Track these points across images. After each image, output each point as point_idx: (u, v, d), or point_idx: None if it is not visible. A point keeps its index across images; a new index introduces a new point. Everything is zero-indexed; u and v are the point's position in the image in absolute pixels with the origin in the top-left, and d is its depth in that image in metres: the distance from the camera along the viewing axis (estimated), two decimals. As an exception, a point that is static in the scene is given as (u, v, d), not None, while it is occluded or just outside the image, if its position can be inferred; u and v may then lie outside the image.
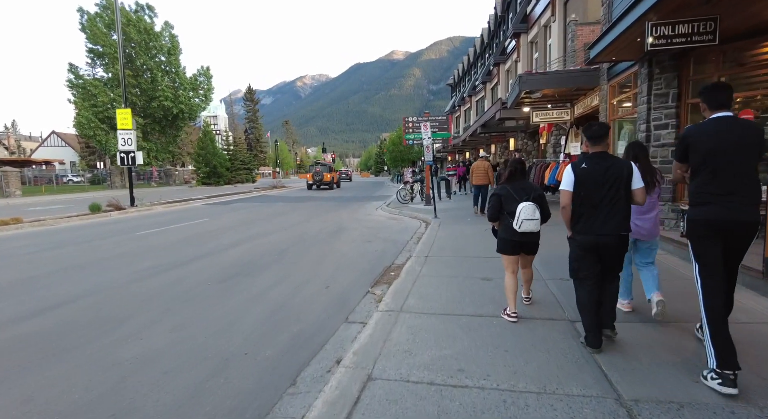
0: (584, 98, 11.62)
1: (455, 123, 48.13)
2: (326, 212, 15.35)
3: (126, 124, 16.01)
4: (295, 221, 12.82)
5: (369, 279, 6.07)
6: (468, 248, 7.55)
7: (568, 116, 11.48)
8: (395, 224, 11.94)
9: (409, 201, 17.28)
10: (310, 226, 11.60)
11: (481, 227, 9.83)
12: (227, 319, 4.54)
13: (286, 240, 9.43)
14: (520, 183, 4.08)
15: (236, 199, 22.51)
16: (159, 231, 10.99)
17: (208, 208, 17.62)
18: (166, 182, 48.06)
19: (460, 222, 10.96)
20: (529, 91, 10.52)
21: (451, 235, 8.94)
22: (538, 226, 3.85)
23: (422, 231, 10.49)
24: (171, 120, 37.28)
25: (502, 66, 27.11)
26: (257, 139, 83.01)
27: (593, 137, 3.40)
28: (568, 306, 4.31)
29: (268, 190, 30.14)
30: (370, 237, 9.75)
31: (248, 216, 14.40)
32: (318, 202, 20.11)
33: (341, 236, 9.93)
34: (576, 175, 3.33)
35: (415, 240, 9.12)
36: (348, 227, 11.39)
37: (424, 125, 12.03)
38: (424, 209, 14.20)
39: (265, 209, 16.73)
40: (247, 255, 7.84)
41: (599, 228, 3.25)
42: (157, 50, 35.00)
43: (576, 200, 3.35)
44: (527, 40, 20.97)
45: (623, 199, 3.25)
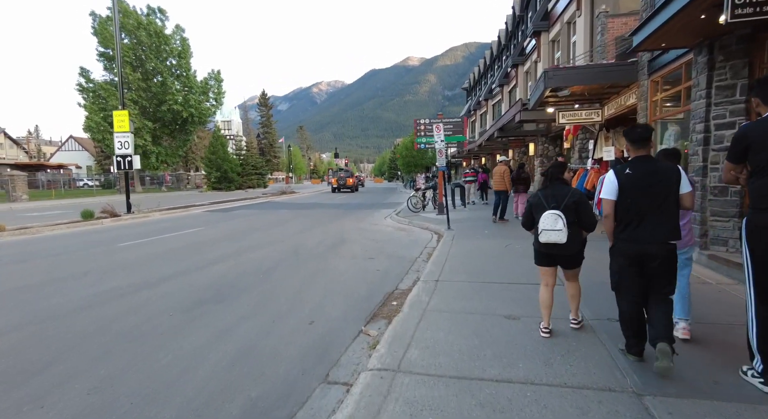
0: (617, 97, 10.35)
1: (471, 128, 46.85)
2: (330, 221, 14.28)
3: (123, 127, 15.23)
4: (294, 231, 11.77)
5: (364, 311, 4.94)
6: (487, 269, 6.36)
7: (598, 117, 10.22)
8: (403, 236, 10.79)
9: (421, 209, 16.11)
10: (308, 238, 10.53)
11: (500, 241, 8.63)
12: (172, 371, 3.46)
13: (278, 255, 8.36)
14: (554, 189, 3.70)
15: (240, 205, 21.63)
16: (143, 242, 10.04)
17: (207, 215, 16.72)
18: (177, 187, 47.75)
19: (476, 235, 9.76)
20: (555, 88, 9.32)
21: (467, 252, 7.75)
22: (562, 238, 3.47)
23: (433, 245, 9.33)
24: (181, 124, 36.81)
25: (521, 67, 25.85)
26: (271, 144, 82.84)
27: (637, 140, 3.17)
28: (629, 369, 3.12)
29: (277, 195, 29.28)
30: (374, 252, 8.63)
31: (246, 225, 13.41)
32: (323, 209, 19.08)
33: (341, 250, 8.82)
34: (620, 181, 3.13)
35: (425, 257, 7.97)
36: (350, 239, 10.28)
37: (436, 127, 10.90)
38: (436, 219, 13.03)
39: (267, 217, 15.75)
40: (229, 273, 6.78)
41: (646, 236, 3.05)
42: (168, 53, 34.61)
43: (620, 208, 3.16)
44: (548, 39, 19.71)
45: (672, 206, 3.05)
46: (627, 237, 3.13)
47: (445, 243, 8.80)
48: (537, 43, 20.91)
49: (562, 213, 3.50)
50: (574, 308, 3.89)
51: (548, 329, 3.73)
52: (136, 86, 33.47)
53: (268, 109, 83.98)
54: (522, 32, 26.78)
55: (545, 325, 3.75)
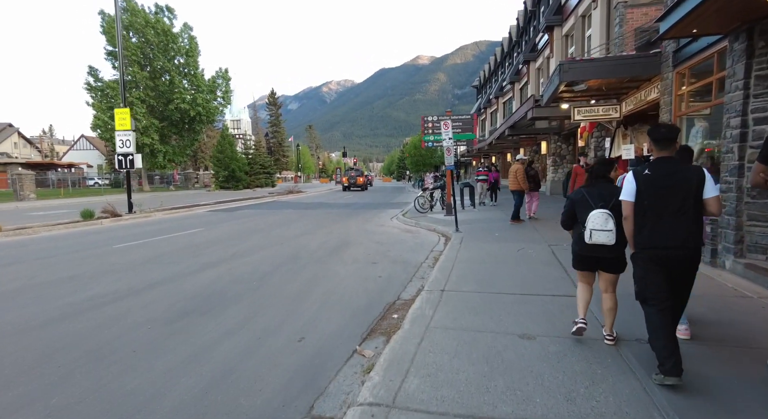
0: (636, 92, 9.73)
1: (481, 126, 46.16)
2: (334, 222, 13.84)
3: (124, 125, 14.93)
4: (297, 232, 11.34)
5: (361, 326, 4.46)
6: (498, 278, 5.84)
7: (616, 113, 9.61)
8: (409, 238, 10.29)
9: (429, 210, 15.59)
10: (310, 240, 10.08)
11: (512, 245, 8.09)
12: (136, 400, 3.01)
13: (276, 259, 7.92)
14: (600, 187, 3.53)
15: (246, 205, 21.29)
16: (139, 244, 9.67)
17: (210, 215, 16.38)
18: (185, 186, 47.76)
19: (486, 238, 9.23)
20: (571, 82, 8.74)
21: (476, 257, 7.23)
22: (611, 239, 3.29)
23: (440, 248, 8.82)
24: (188, 122, 36.65)
25: (533, 64, 25.18)
26: (279, 143, 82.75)
27: (661, 140, 3.03)
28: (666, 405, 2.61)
29: (283, 195, 28.94)
30: (377, 256, 8.15)
31: (248, 226, 13.01)
32: (329, 209, 18.65)
33: (343, 254, 8.36)
34: (638, 182, 3.03)
35: (431, 262, 7.48)
36: (354, 241, 9.81)
37: (444, 124, 10.38)
38: (444, 220, 12.50)
39: (270, 217, 15.35)
40: (220, 280, 6.35)
41: (665, 239, 2.92)
42: (175, 52, 34.46)
43: (638, 210, 3.05)
44: (561, 34, 19.06)
45: (692, 209, 2.91)
46: (645, 242, 3.01)
47: (452, 247, 8.28)
48: (549, 39, 20.26)
49: (612, 213, 3.31)
50: (610, 323, 3.57)
51: (584, 320, 3.57)
52: (143, 85, 33.37)
53: (277, 108, 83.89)
54: (534, 28, 26.09)
55: (581, 316, 3.59)
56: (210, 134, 65.51)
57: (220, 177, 42.54)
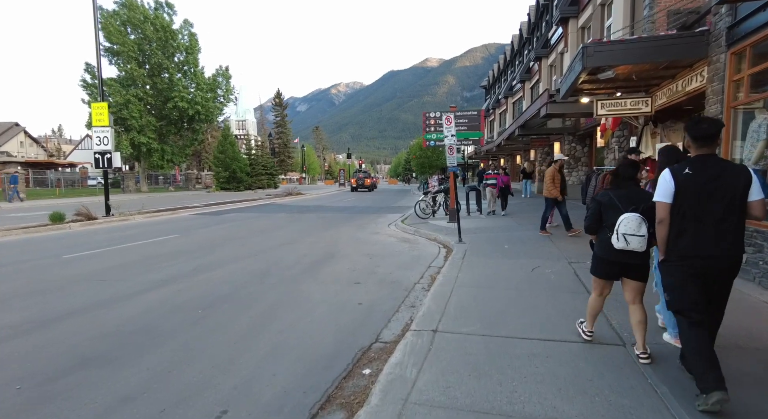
0: (670, 83, 8.33)
1: (489, 127, 44.73)
2: (326, 228, 12.55)
3: (102, 120, 13.79)
4: (280, 241, 10.06)
5: (317, 389, 3.15)
6: (509, 312, 4.49)
7: (647, 107, 8.22)
8: (405, 250, 8.97)
9: (431, 215, 14.24)
10: (291, 251, 8.80)
11: (526, 262, 6.73)
12: None
13: (242, 276, 6.64)
14: (629, 191, 3.29)
15: (237, 207, 20.08)
16: (93, 254, 8.44)
17: (194, 219, 15.17)
18: (186, 186, 46.86)
19: (493, 251, 7.87)
20: (596, 69, 7.37)
21: (481, 279, 5.89)
22: (643, 245, 3.04)
23: (439, 263, 7.49)
24: (187, 122, 35.66)
25: (545, 60, 23.75)
26: (285, 145, 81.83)
27: (701, 137, 2.73)
28: None
29: (281, 197, 27.72)
30: (364, 273, 6.84)
31: (228, 232, 11.77)
32: (325, 213, 17.36)
33: (323, 270, 7.06)
34: (678, 182, 2.72)
35: (426, 283, 6.15)
36: (341, 253, 8.51)
37: (446, 119, 9.06)
38: (447, 228, 11.16)
39: (259, 222, 14.10)
40: (160, 307, 5.07)
41: (709, 248, 2.64)
42: (174, 49, 33.50)
43: (675, 214, 2.75)
44: (577, 26, 17.63)
45: (738, 214, 2.63)
46: (684, 250, 2.74)
47: (453, 263, 6.95)
48: (564, 32, 18.84)
49: None
50: (642, 338, 3.23)
51: (591, 332, 3.55)
52: (141, 82, 32.43)
53: (282, 108, 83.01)
54: (546, 23, 24.67)
55: (589, 328, 3.55)
56: (215, 134, 64.66)
57: (221, 178, 41.54)
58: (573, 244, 8.22)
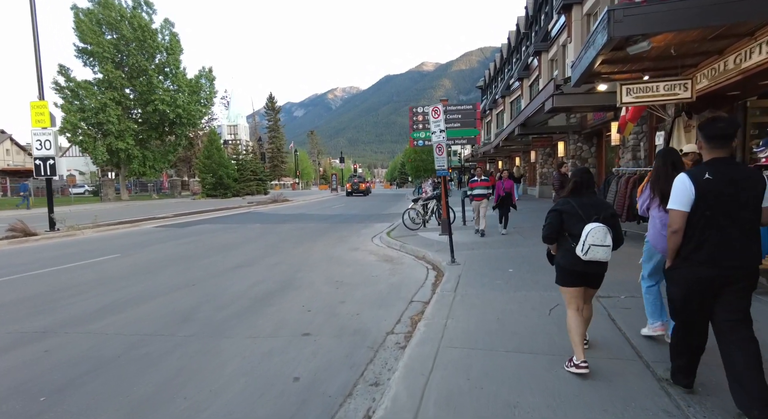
0: (716, 59, 6.63)
1: (486, 129, 43.11)
2: (300, 242, 10.78)
3: (42, 121, 12.00)
4: (237, 262, 8.30)
5: None
6: (523, 406, 2.73)
7: (687, 92, 6.50)
8: (385, 274, 7.21)
9: (421, 225, 12.49)
10: (243, 277, 7.04)
11: (538, 297, 4.99)
12: None
13: (157, 319, 4.90)
14: (587, 198, 3.28)
15: (210, 217, 18.25)
16: (-15, 285, 6.67)
17: (152, 233, 13.37)
18: (171, 194, 45.03)
19: (495, 278, 6.12)
20: (626, 40, 5.65)
21: (479, 331, 4.13)
22: (608, 255, 3.06)
23: (425, 296, 5.75)
24: (168, 126, 33.87)
25: (545, 55, 22.14)
26: (278, 149, 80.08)
27: (718, 137, 2.54)
28: None
29: (265, 204, 25.88)
30: (321, 313, 5.09)
31: (182, 250, 10.00)
32: (305, 223, 15.57)
33: (269, 309, 5.31)
34: (698, 188, 2.52)
35: (403, 334, 4.40)
36: (303, 280, 6.76)
37: (433, 111, 7.33)
38: (438, 242, 9.41)
39: (224, 236, 12.32)
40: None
41: (733, 258, 2.47)
42: (154, 49, 31.74)
43: (695, 222, 2.55)
44: (582, 13, 16.00)
45: (758, 220, 2.52)
46: (703, 259, 2.53)
47: (442, 299, 5.20)
48: (567, 21, 17.21)
49: None
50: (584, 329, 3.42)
51: (586, 362, 3.10)
52: (119, 84, 30.65)
53: (275, 112, 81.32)
54: (546, 14, 23.07)
55: (581, 359, 3.11)
56: (205, 140, 62.82)
57: (207, 184, 39.70)
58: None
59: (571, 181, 3.37)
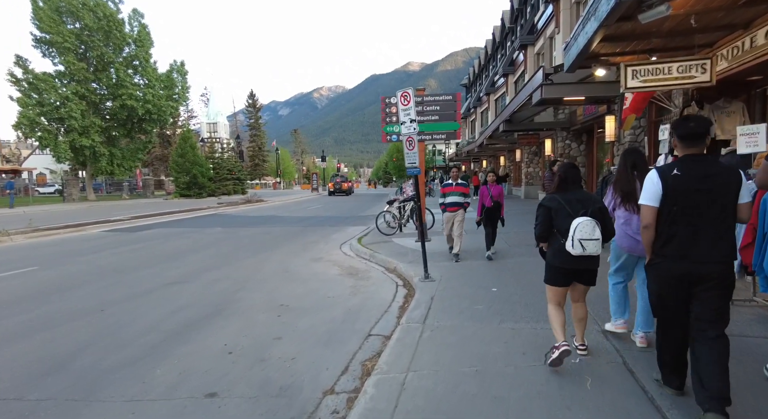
0: (740, 35, 5.58)
1: (470, 127, 42.19)
2: (258, 250, 9.48)
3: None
4: (173, 277, 6.97)
5: None
6: None
7: (705, 75, 5.41)
8: (345, 294, 5.97)
9: (397, 230, 11.28)
10: (169, 299, 5.74)
11: (536, 331, 3.76)
12: None
13: (20, 367, 3.61)
14: (574, 193, 3.24)
15: (170, 220, 16.74)
16: None
17: (95, 239, 11.90)
18: (144, 194, 43.05)
19: (476, 302, 4.93)
20: (641, 2, 4.51)
21: (450, 394, 2.91)
22: (598, 249, 3.01)
23: (386, 328, 4.54)
24: (137, 122, 32.04)
25: (531, 49, 21.15)
26: (259, 148, 78.14)
27: (689, 136, 2.55)
28: None
29: (235, 205, 24.33)
30: (247, 356, 3.85)
31: (119, 259, 8.64)
32: (272, 226, 14.21)
33: (183, 348, 4.05)
34: (665, 184, 2.56)
35: (345, 394, 3.17)
36: (240, 303, 5.48)
37: (402, 96, 6.11)
38: (414, 250, 8.23)
39: (174, 242, 10.93)
40: None
41: (701, 253, 2.48)
42: (120, 40, 29.89)
43: (665, 218, 2.58)
44: (571, 1, 14.97)
45: (731, 217, 2.52)
46: (672, 253, 2.55)
47: (407, 337, 3.98)
48: (555, 10, 16.18)
49: None
50: (582, 332, 3.41)
51: (567, 344, 3.08)
52: (81, 77, 28.74)
53: (257, 110, 79.29)
54: (532, 6, 22.08)
55: (562, 339, 3.12)
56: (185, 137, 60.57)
57: (181, 184, 37.89)
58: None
59: (557, 177, 3.32)
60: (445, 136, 9.33)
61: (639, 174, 3.38)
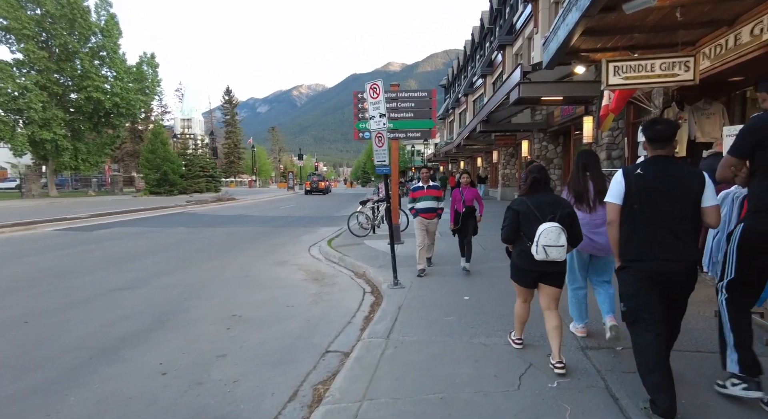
0: (724, 32, 5.34)
1: (448, 128, 42.12)
2: (220, 252, 8.89)
3: None
4: (121, 281, 6.35)
5: None
6: None
7: (688, 73, 5.15)
8: (306, 303, 5.49)
9: (370, 231, 10.84)
10: (114, 305, 5.16)
11: (512, 351, 3.36)
12: None
13: None
14: (546, 196, 3.23)
15: (132, 218, 15.86)
16: None
17: (47, 238, 11.08)
18: (112, 190, 41.40)
19: (447, 313, 4.53)
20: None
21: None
22: (563, 255, 2.97)
23: (346, 343, 4.09)
24: (104, 116, 30.65)
25: (509, 49, 21.04)
26: (235, 145, 76.50)
27: (657, 139, 2.61)
28: None
29: (204, 204, 23.44)
30: (182, 378, 3.35)
31: (64, 263, 7.93)
32: (240, 226, 13.58)
33: (108, 369, 3.51)
34: (628, 183, 2.63)
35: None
36: (190, 314, 4.94)
37: (371, 88, 5.68)
38: (386, 252, 7.76)
39: (131, 243, 10.23)
40: None
41: (662, 252, 2.53)
42: (85, 30, 28.48)
43: (626, 215, 2.64)
44: (549, 1, 14.81)
45: (691, 218, 2.54)
46: (635, 253, 2.61)
47: (367, 356, 3.55)
48: (533, 10, 16.03)
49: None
50: (558, 346, 3.09)
51: (521, 340, 3.46)
52: (42, 67, 27.25)
53: (233, 106, 77.55)
54: (511, 7, 21.97)
55: (518, 336, 3.47)
56: (157, 132, 58.57)
57: (151, 181, 36.51)
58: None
59: (528, 179, 3.29)
60: (420, 134, 8.93)
61: (591, 175, 3.51)
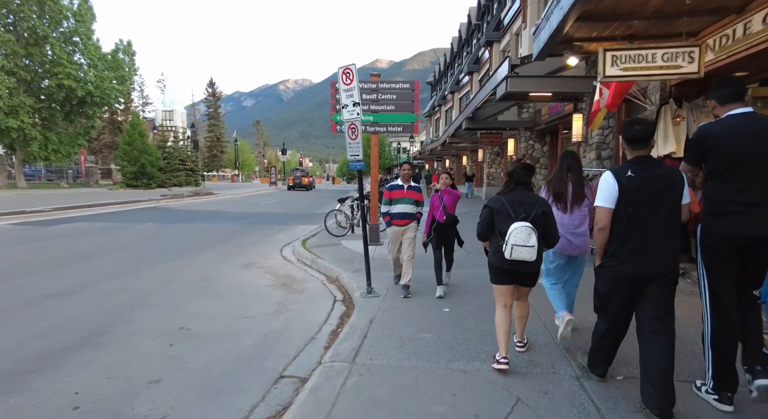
0: (734, 20, 4.91)
1: (434, 126, 41.68)
2: (182, 253, 8.21)
3: None
4: (63, 285, 5.66)
5: None
6: None
7: (693, 65, 4.71)
8: (266, 313, 4.89)
9: (349, 230, 10.26)
10: (43, 315, 4.50)
11: (492, 378, 2.82)
12: None
13: None
14: (521, 195, 3.18)
15: (98, 213, 14.95)
16: None
17: (4, 233, 10.22)
18: (87, 183, 39.91)
19: (424, 330, 4.00)
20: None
21: None
22: (533, 255, 2.91)
23: (306, 368, 3.50)
24: (77, 104, 29.36)
25: (497, 46, 20.61)
26: (218, 138, 74.96)
27: (636, 140, 2.62)
28: None
29: (180, 198, 22.53)
30: (99, 413, 2.71)
31: (8, 261, 7.15)
32: (212, 223, 12.84)
33: (10, 399, 2.85)
34: (621, 185, 2.57)
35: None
36: (129, 326, 4.32)
37: (344, 73, 5.11)
38: (362, 255, 7.21)
39: (92, 239, 9.47)
40: None
41: (653, 254, 2.54)
42: (56, 13, 27.15)
43: (620, 219, 2.61)
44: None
45: (678, 217, 2.60)
46: (627, 256, 2.59)
47: (326, 384, 2.99)
48: (522, 5, 15.59)
49: (533, 226, 2.96)
50: (522, 329, 3.44)
51: (507, 359, 3.07)
52: (9, 51, 25.87)
53: (216, 99, 75.88)
54: (498, 3, 21.53)
55: (503, 355, 3.09)
56: (137, 124, 56.75)
57: (128, 173, 35.24)
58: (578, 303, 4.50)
59: (507, 177, 3.29)
60: (402, 128, 8.37)
61: (572, 177, 3.49)
